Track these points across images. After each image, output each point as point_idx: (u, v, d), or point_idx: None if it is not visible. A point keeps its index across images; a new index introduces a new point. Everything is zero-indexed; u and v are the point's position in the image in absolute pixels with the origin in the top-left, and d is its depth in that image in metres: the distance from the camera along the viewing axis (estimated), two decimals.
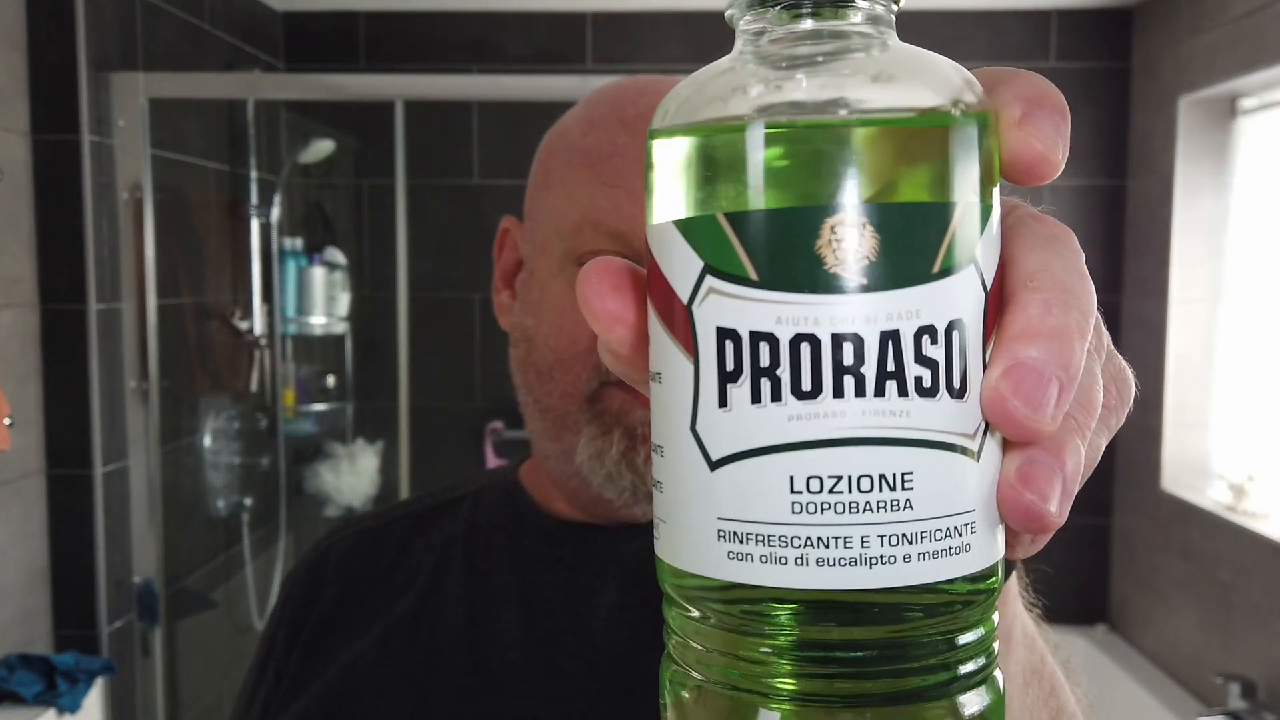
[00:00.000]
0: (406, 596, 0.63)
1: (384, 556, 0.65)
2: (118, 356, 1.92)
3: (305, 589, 0.66)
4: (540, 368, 0.59)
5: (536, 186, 0.62)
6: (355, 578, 0.65)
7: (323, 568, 0.66)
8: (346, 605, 0.64)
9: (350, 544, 0.67)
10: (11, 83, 1.76)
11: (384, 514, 0.70)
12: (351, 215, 2.70)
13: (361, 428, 2.70)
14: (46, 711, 1.66)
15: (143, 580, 1.98)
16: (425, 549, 0.65)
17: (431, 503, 0.69)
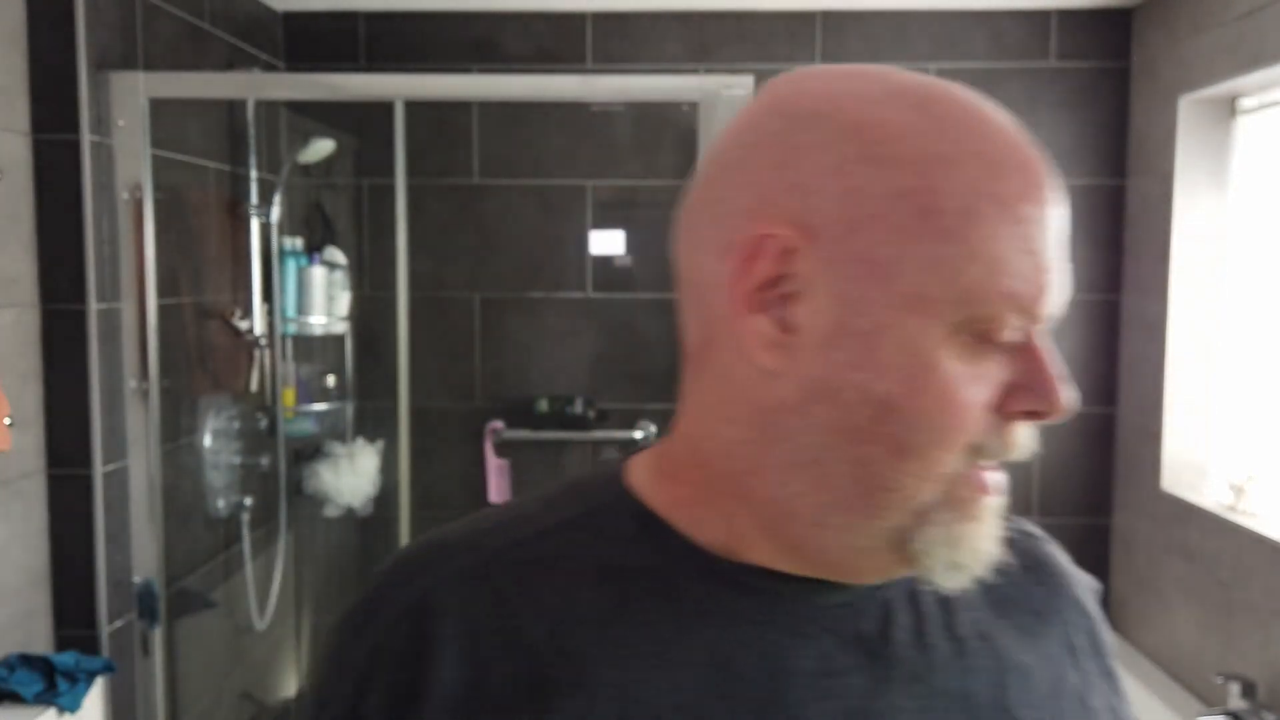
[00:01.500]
0: (554, 660, 0.52)
1: (500, 602, 0.53)
2: (118, 356, 1.92)
3: (410, 645, 0.53)
4: (903, 444, 0.49)
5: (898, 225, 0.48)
6: (472, 632, 0.53)
7: (428, 621, 0.53)
8: (462, 668, 0.52)
9: (455, 588, 0.54)
10: (11, 82, 1.75)
11: (480, 542, 0.57)
12: (351, 215, 2.70)
13: (362, 427, 2.69)
14: (47, 711, 1.66)
15: (143, 580, 1.98)
16: (557, 592, 0.54)
17: (534, 528, 0.57)
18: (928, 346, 0.48)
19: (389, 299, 2.31)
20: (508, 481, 2.72)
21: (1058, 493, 2.68)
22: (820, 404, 0.50)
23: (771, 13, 2.61)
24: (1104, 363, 2.66)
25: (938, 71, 2.61)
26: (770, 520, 0.53)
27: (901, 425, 0.49)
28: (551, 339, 2.69)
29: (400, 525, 2.36)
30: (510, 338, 2.69)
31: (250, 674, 2.53)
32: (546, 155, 2.66)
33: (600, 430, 2.67)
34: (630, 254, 2.70)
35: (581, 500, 0.58)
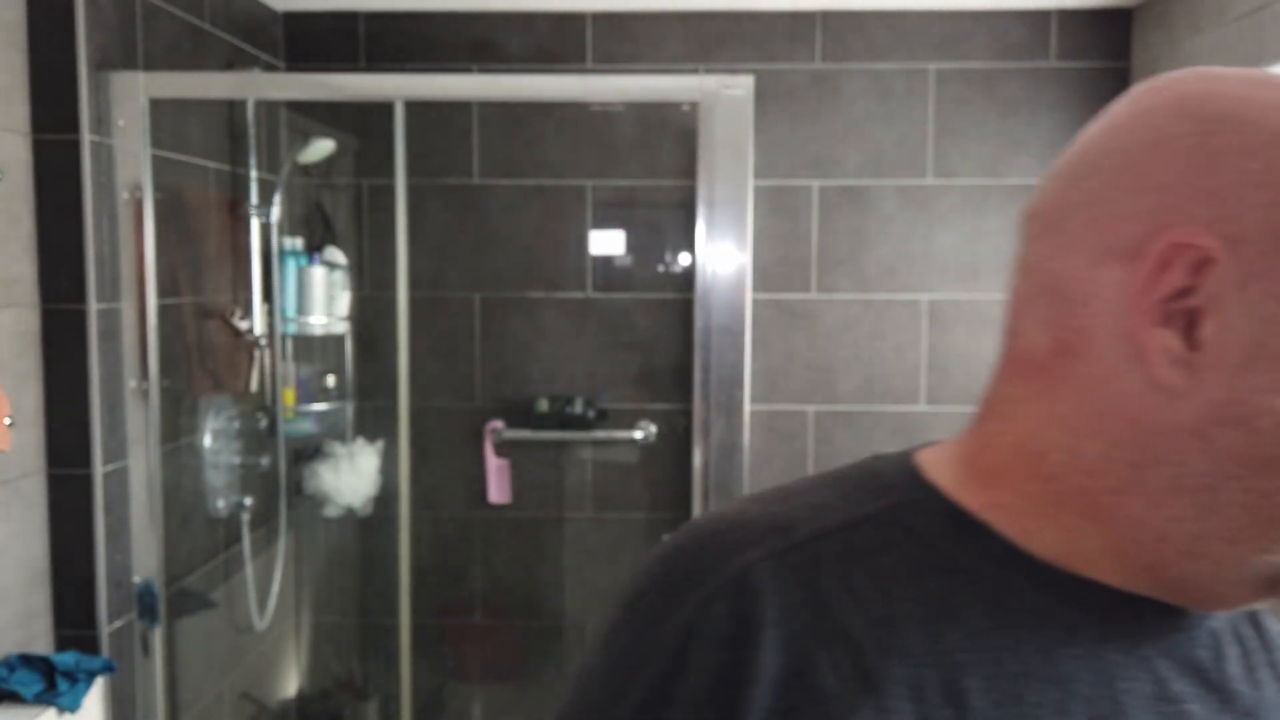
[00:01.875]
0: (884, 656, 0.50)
1: (815, 592, 0.52)
2: (118, 356, 1.92)
3: (728, 626, 0.51)
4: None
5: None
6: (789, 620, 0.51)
7: (747, 602, 0.52)
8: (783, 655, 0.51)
9: (770, 575, 0.52)
10: (11, 82, 1.76)
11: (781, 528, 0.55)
12: (351, 215, 2.70)
13: (362, 427, 2.70)
14: (47, 711, 1.67)
15: (143, 580, 1.99)
16: (876, 588, 0.52)
17: (838, 519, 0.55)
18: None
19: (389, 299, 2.32)
20: (508, 481, 2.72)
21: None
22: (1226, 429, 0.47)
23: (771, 13, 2.61)
24: None
25: (937, 71, 2.61)
26: (1129, 541, 0.51)
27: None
28: (551, 339, 2.69)
29: (400, 525, 2.37)
30: (510, 338, 2.69)
31: (250, 674, 2.53)
32: (546, 155, 2.66)
33: (600, 430, 2.68)
34: (630, 254, 2.70)
35: (882, 494, 0.56)
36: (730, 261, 2.03)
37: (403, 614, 2.37)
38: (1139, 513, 0.50)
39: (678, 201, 2.68)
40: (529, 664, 2.84)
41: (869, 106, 2.63)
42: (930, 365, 2.67)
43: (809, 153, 2.64)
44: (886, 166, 2.64)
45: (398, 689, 2.51)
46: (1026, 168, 2.62)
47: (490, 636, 2.81)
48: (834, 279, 2.66)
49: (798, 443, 2.70)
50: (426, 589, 2.70)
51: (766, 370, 2.68)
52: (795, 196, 2.65)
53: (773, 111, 2.62)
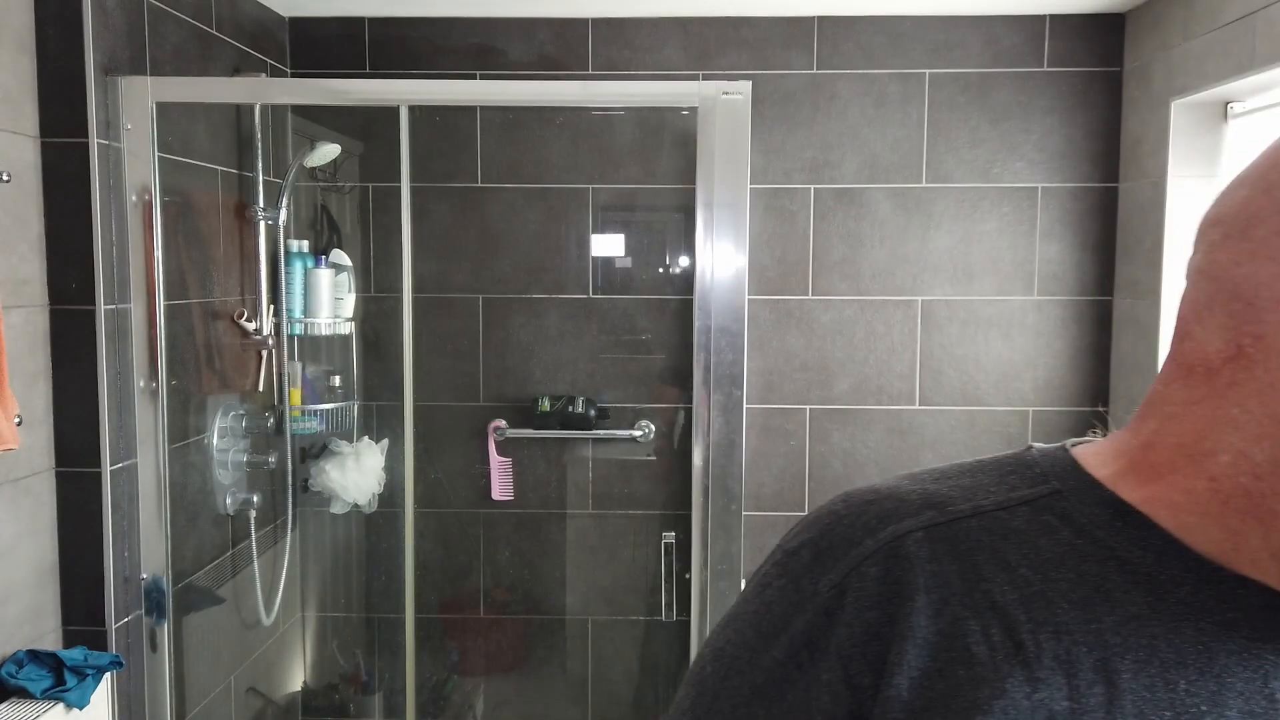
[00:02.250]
0: (1035, 633, 0.52)
1: (967, 565, 0.54)
2: (127, 356, 1.94)
3: (881, 587, 0.54)
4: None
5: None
6: (939, 588, 0.54)
7: (900, 566, 0.55)
8: (935, 620, 0.53)
9: (924, 545, 0.55)
10: (20, 86, 1.77)
11: (937, 502, 0.57)
12: (357, 218, 2.72)
13: (367, 426, 2.71)
14: (55, 706, 1.68)
15: (151, 576, 2.00)
16: (1030, 567, 0.54)
17: (994, 499, 0.57)
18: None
19: (394, 300, 2.33)
20: (510, 479, 2.74)
21: None
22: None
23: (769, 19, 2.64)
24: (1096, 363, 2.69)
25: (932, 76, 2.64)
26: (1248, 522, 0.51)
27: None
28: (553, 339, 2.71)
29: (405, 522, 2.38)
30: (513, 338, 2.71)
31: (256, 669, 2.54)
32: (548, 159, 2.68)
33: (601, 429, 2.70)
34: (630, 256, 2.72)
35: (1038, 481, 0.57)
36: (729, 263, 2.05)
37: (407, 609, 2.38)
38: None
39: (677, 204, 2.70)
40: (531, 658, 2.85)
41: (864, 111, 2.65)
42: (924, 365, 2.70)
43: (806, 156, 2.66)
44: (882, 170, 2.66)
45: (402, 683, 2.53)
46: (1020, 171, 2.65)
47: (493, 631, 2.82)
48: (830, 281, 2.69)
49: (794, 441, 2.72)
50: (430, 585, 2.73)
51: (764, 370, 2.71)
52: (792, 199, 2.67)
53: (770, 116, 2.64)
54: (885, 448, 2.72)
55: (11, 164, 1.73)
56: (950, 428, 2.70)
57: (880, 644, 0.53)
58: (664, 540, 2.65)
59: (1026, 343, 2.68)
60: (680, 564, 2.56)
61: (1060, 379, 2.69)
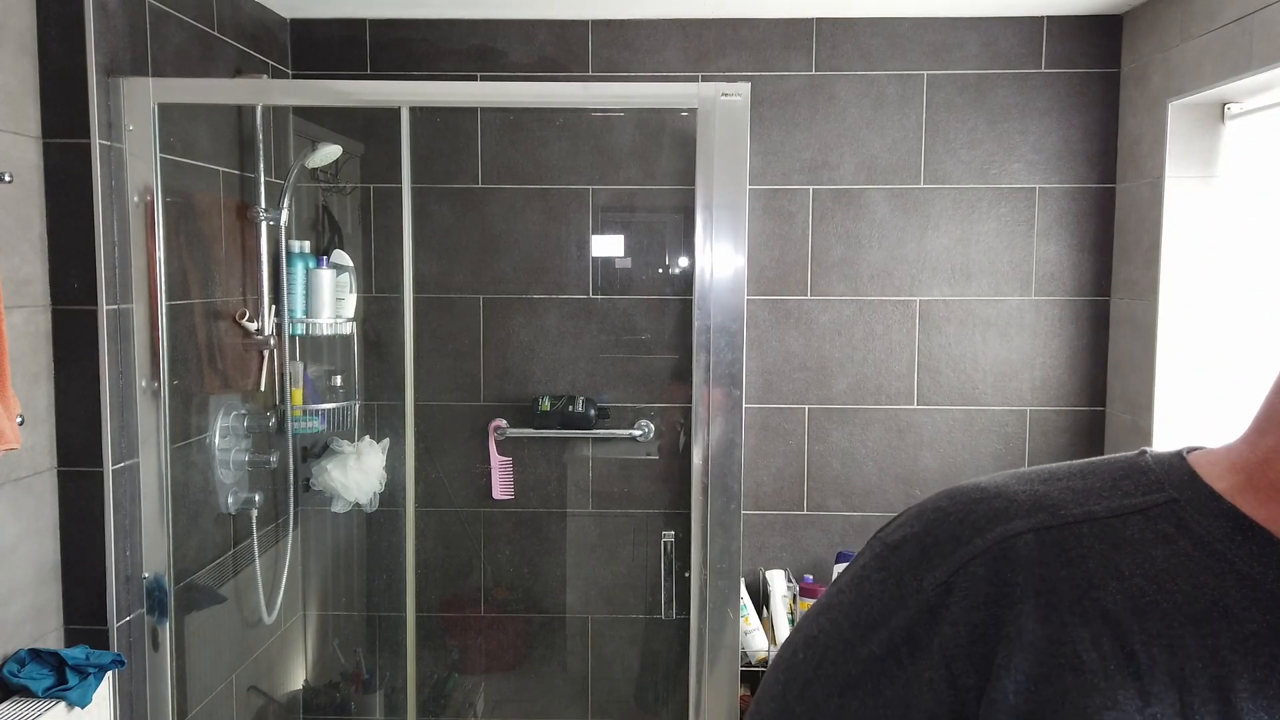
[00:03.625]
0: (1149, 640, 0.51)
1: (1078, 571, 0.53)
2: (129, 356, 1.95)
3: (989, 588, 0.53)
4: None
5: None
6: (1047, 591, 0.53)
7: (1008, 569, 0.53)
8: (1044, 625, 0.52)
9: (1034, 548, 0.54)
10: (22, 87, 1.78)
11: (1047, 505, 0.56)
12: (358, 218, 2.72)
13: (368, 426, 2.72)
14: (57, 705, 1.69)
15: (152, 575, 2.01)
16: (1144, 575, 0.53)
17: (1107, 505, 0.56)
18: None
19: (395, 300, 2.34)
20: (511, 478, 2.75)
21: None
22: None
23: (768, 20, 2.65)
24: (1094, 363, 2.70)
25: (930, 78, 2.65)
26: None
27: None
28: (554, 339, 2.72)
29: (406, 521, 2.39)
30: (513, 338, 2.72)
31: (258, 667, 2.55)
32: (548, 160, 2.69)
33: (601, 428, 2.70)
34: (630, 257, 2.73)
35: (1154, 489, 0.56)
36: (728, 264, 2.05)
37: (408, 608, 2.39)
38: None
39: (677, 205, 2.71)
40: (531, 656, 2.86)
41: (863, 112, 2.66)
42: (922, 365, 2.71)
43: (804, 158, 2.67)
44: (880, 171, 2.67)
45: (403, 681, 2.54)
46: (1017, 173, 2.66)
47: (493, 629, 2.83)
48: (828, 281, 2.70)
49: (793, 440, 2.73)
50: (431, 583, 2.73)
51: (763, 370, 2.71)
52: (791, 200, 2.68)
53: (769, 117, 2.65)
54: (884, 447, 2.73)
55: (14, 164, 1.74)
56: (948, 427, 2.71)
57: (986, 646, 0.52)
58: (663, 539, 2.66)
59: (1024, 343, 2.69)
60: (680, 562, 2.57)
61: (1057, 379, 2.70)
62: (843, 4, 2.55)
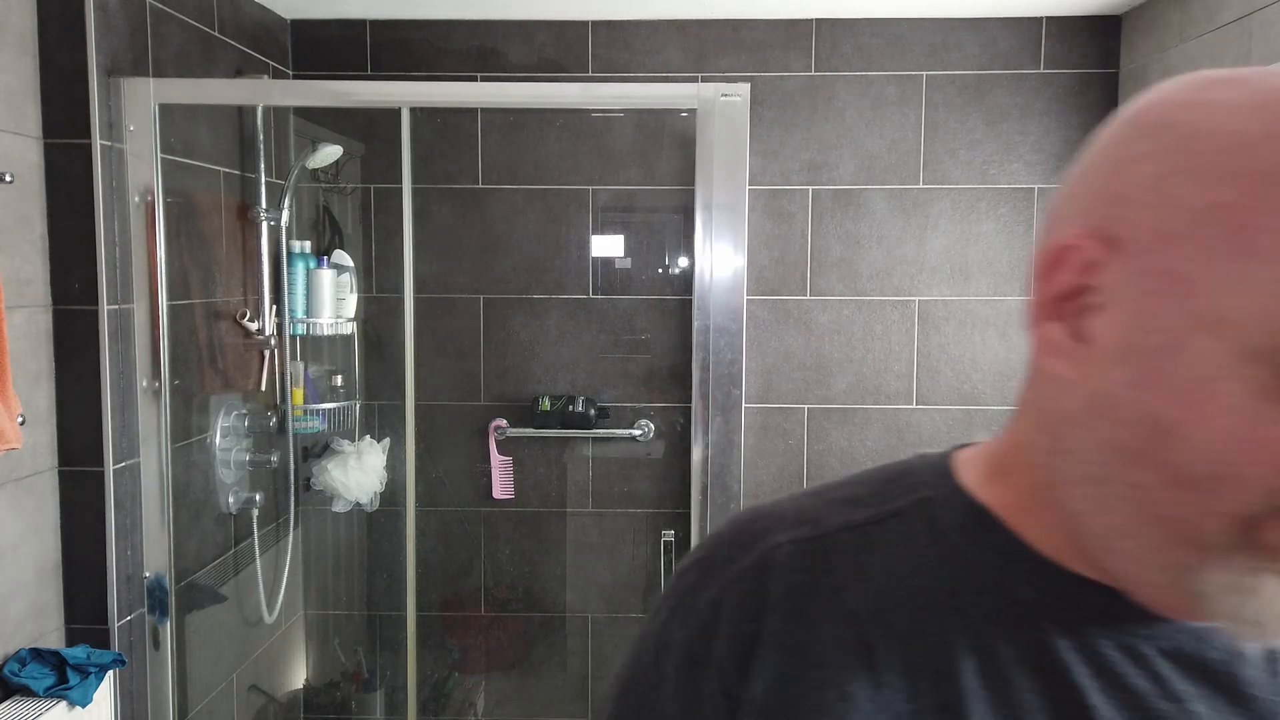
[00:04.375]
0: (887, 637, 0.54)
1: (832, 577, 0.56)
2: (130, 356, 1.95)
3: (753, 600, 0.57)
4: (1180, 473, 0.46)
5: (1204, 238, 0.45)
6: (800, 597, 0.56)
7: (765, 580, 0.57)
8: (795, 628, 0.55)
9: (791, 557, 0.57)
10: (23, 88, 1.78)
11: (810, 516, 0.60)
12: (359, 219, 2.73)
13: (369, 425, 2.72)
14: (58, 704, 1.69)
15: (153, 575, 2.01)
16: (888, 574, 0.56)
17: (866, 514, 0.59)
18: (1217, 372, 0.44)
19: (396, 301, 2.34)
20: (511, 478, 2.75)
21: None
22: (1099, 419, 0.48)
23: (768, 21, 2.65)
24: None
25: (930, 78, 2.65)
26: (1074, 536, 0.52)
27: (1179, 453, 0.46)
28: (554, 339, 2.73)
29: (406, 521, 2.39)
30: (514, 338, 2.72)
31: (259, 667, 2.55)
32: (548, 160, 2.69)
33: (601, 428, 2.71)
34: (630, 257, 2.73)
35: (912, 490, 0.59)
36: (727, 264, 2.06)
37: (408, 607, 2.39)
38: (1068, 506, 0.52)
39: (676, 205, 2.72)
40: (531, 656, 2.86)
41: (862, 113, 2.66)
42: (921, 365, 2.71)
43: (803, 158, 2.68)
44: (879, 171, 2.68)
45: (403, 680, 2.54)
46: (1016, 173, 2.67)
47: (494, 629, 2.83)
48: (828, 281, 2.70)
49: (792, 440, 2.73)
50: (431, 583, 2.74)
51: (762, 370, 2.72)
52: (790, 201, 2.69)
53: (768, 118, 2.66)
54: (883, 447, 2.73)
55: (14, 165, 1.74)
56: (947, 427, 2.72)
57: (748, 652, 0.55)
58: (663, 538, 2.67)
59: (1023, 343, 2.69)
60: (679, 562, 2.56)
61: None
62: (842, 4, 2.55)
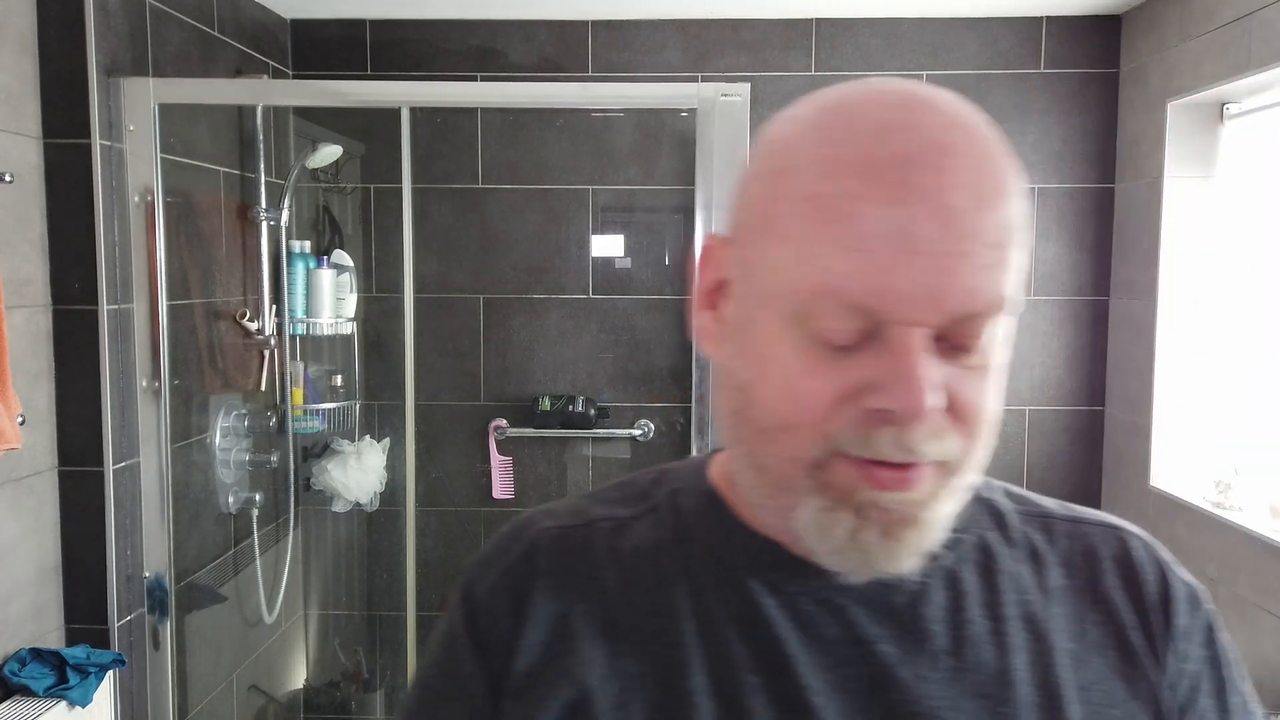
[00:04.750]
0: (629, 610, 0.60)
1: (589, 559, 0.62)
2: (129, 356, 1.95)
3: (518, 583, 0.62)
4: (760, 427, 0.54)
5: (756, 230, 0.54)
6: (561, 572, 0.62)
7: (534, 563, 0.63)
8: (554, 602, 0.61)
9: (556, 540, 0.63)
10: (23, 88, 1.78)
11: (579, 510, 0.66)
12: (359, 219, 2.73)
13: (369, 425, 2.72)
14: (58, 704, 1.69)
15: (153, 575, 2.01)
16: (637, 555, 0.62)
17: (626, 507, 0.65)
18: (774, 340, 0.53)
19: (395, 300, 2.34)
20: (511, 478, 2.75)
21: (1048, 489, 2.70)
22: (722, 389, 0.58)
23: (767, 21, 2.65)
24: (1093, 362, 2.70)
25: (930, 78, 2.65)
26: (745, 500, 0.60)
27: (757, 410, 0.54)
28: (554, 339, 2.72)
29: (406, 520, 2.39)
30: (513, 338, 2.72)
31: (258, 667, 2.55)
32: (548, 160, 2.69)
33: (601, 428, 2.71)
34: (630, 257, 2.73)
35: (668, 486, 0.65)
36: None
37: (408, 607, 2.39)
38: (746, 486, 0.59)
39: (676, 205, 2.71)
40: None
41: None
42: None
43: None
44: None
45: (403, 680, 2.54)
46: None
47: None
48: None
49: None
50: (431, 583, 2.73)
51: None
52: None
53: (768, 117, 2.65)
54: None
55: (14, 164, 1.74)
56: None
57: (516, 627, 0.60)
58: None
59: (1023, 343, 2.69)
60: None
61: (1057, 379, 2.70)
62: (842, 4, 2.55)
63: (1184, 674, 0.59)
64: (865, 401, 0.51)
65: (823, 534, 0.53)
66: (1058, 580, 0.60)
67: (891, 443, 0.50)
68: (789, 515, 0.54)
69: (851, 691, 0.56)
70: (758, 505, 0.58)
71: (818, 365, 0.51)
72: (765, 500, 0.57)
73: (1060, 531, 0.62)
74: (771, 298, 0.53)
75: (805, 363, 0.52)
